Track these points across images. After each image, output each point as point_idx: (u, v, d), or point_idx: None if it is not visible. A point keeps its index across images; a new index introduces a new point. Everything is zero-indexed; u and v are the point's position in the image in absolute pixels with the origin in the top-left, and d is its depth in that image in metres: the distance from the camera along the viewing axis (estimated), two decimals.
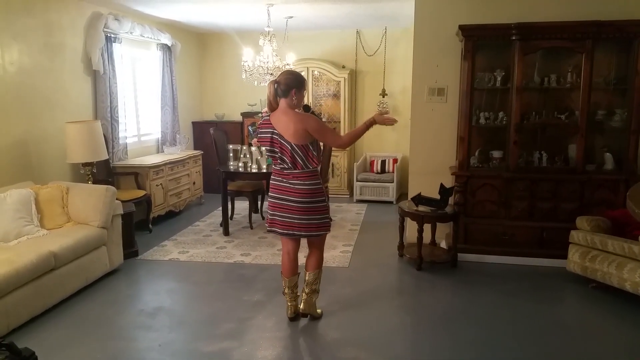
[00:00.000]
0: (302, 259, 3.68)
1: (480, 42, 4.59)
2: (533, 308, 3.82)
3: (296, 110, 3.42)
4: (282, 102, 3.37)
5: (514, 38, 4.45)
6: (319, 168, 3.50)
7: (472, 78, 4.60)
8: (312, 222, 3.41)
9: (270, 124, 3.38)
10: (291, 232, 3.44)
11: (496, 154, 4.80)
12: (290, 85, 3.34)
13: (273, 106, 3.41)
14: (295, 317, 3.59)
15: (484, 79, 4.73)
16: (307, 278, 3.62)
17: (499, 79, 4.68)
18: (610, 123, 4.64)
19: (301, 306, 3.62)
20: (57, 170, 5.03)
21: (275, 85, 3.35)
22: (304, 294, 3.62)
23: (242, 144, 7.15)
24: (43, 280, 3.66)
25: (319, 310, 3.67)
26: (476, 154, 4.85)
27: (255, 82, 6.02)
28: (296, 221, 3.39)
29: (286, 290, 3.60)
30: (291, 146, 3.30)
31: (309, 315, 3.62)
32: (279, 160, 3.38)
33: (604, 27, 4.28)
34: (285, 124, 3.32)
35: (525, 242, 4.70)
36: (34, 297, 3.57)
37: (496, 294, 4.07)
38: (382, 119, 3.51)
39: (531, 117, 4.68)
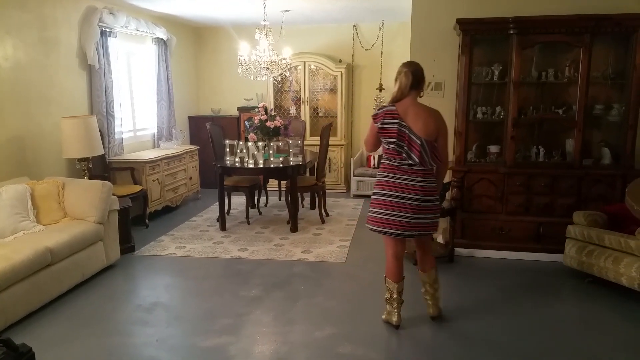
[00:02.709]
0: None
1: (477, 36, 4.58)
2: (529, 302, 3.83)
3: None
4: (412, 94, 3.21)
5: (511, 32, 4.44)
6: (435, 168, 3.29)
7: (469, 72, 4.60)
8: (428, 221, 3.24)
9: (398, 114, 3.16)
10: (408, 232, 3.22)
11: (493, 148, 4.80)
12: (422, 77, 3.22)
13: (401, 96, 3.21)
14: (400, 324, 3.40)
15: (482, 73, 4.72)
16: (429, 277, 3.44)
17: (496, 73, 4.68)
18: (607, 118, 4.64)
19: (431, 310, 3.47)
20: (53, 166, 5.01)
21: (411, 75, 3.18)
22: (428, 297, 3.45)
23: (239, 139, 7.13)
24: (39, 276, 3.65)
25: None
26: (473, 148, 4.85)
27: (252, 77, 5.99)
28: (413, 220, 3.18)
29: (394, 296, 3.36)
30: (421, 141, 3.11)
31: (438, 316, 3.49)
32: (404, 155, 3.15)
33: (602, 21, 4.27)
34: (415, 117, 3.13)
35: (522, 237, 4.70)
36: (31, 293, 3.56)
37: (493, 289, 4.08)
38: None
39: (528, 111, 4.68)
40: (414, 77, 3.19)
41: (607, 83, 4.61)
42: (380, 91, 7.61)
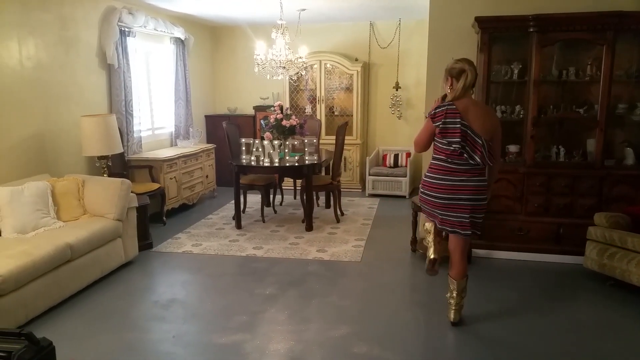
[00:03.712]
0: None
1: (496, 34, 4.52)
2: (548, 305, 3.77)
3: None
4: (469, 92, 3.17)
5: (531, 30, 4.37)
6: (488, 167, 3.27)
7: (488, 71, 4.54)
8: (476, 221, 3.22)
9: (459, 113, 3.08)
10: (450, 228, 3.27)
11: (513, 148, 4.73)
12: (476, 76, 3.18)
13: (463, 95, 3.13)
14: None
15: (501, 71, 4.66)
16: (458, 286, 3.37)
17: (515, 71, 4.61)
18: (631, 117, 4.55)
19: (453, 316, 3.39)
20: (73, 164, 5.07)
21: (475, 72, 3.14)
22: (453, 304, 3.38)
23: (255, 137, 7.16)
24: (60, 272, 3.70)
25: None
26: None
27: (268, 76, 6.00)
28: (460, 219, 3.20)
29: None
30: (482, 141, 3.07)
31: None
32: (465, 156, 3.10)
33: (626, 18, 4.18)
34: (477, 116, 3.09)
35: (541, 238, 4.63)
36: (51, 288, 3.62)
37: (510, 291, 4.03)
38: None
39: (549, 110, 4.61)
40: (476, 74, 3.16)
41: (631, 81, 4.52)
42: (397, 90, 7.57)
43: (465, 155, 3.10)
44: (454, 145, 3.10)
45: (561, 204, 4.56)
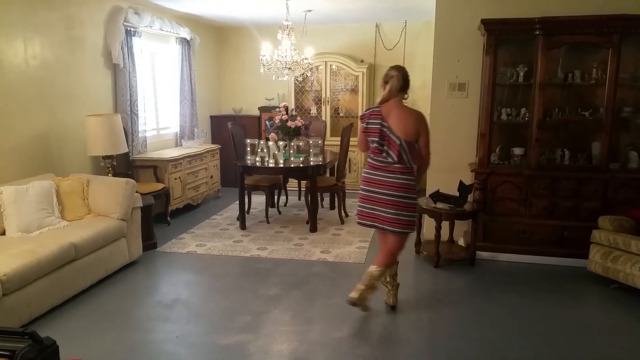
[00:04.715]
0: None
1: (502, 36, 4.51)
2: (552, 308, 3.76)
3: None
4: (399, 96, 3.40)
5: (537, 33, 4.36)
6: (415, 167, 3.46)
7: (494, 73, 4.53)
8: (395, 217, 3.38)
9: (381, 115, 3.36)
10: (377, 224, 3.45)
11: (517, 150, 4.72)
12: (408, 81, 3.43)
13: (389, 98, 3.39)
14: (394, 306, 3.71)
15: (506, 74, 4.65)
16: (371, 274, 3.47)
17: (521, 74, 4.60)
18: (636, 120, 4.53)
19: (354, 295, 3.42)
20: (78, 163, 5.09)
21: (402, 79, 3.37)
22: (361, 285, 3.46)
23: (260, 138, 7.18)
24: (64, 271, 3.72)
25: (370, 305, 3.57)
26: (497, 150, 4.78)
27: (273, 77, 6.00)
28: (383, 214, 3.39)
29: (388, 279, 3.69)
30: (400, 141, 3.30)
31: (360, 308, 3.49)
32: (384, 154, 3.36)
33: (632, 21, 4.17)
34: (398, 119, 3.32)
35: (546, 241, 4.62)
36: (55, 288, 3.63)
37: (514, 293, 4.02)
38: None
39: (554, 113, 4.60)
40: (403, 80, 3.39)
41: (636, 85, 4.50)
42: None
43: (384, 153, 3.35)
44: (373, 144, 3.39)
45: (566, 206, 4.55)
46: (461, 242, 5.05)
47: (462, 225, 5.01)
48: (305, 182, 6.01)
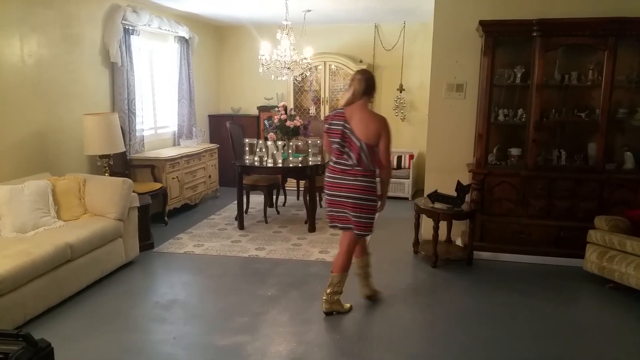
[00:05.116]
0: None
1: (500, 38, 4.52)
2: (549, 308, 3.77)
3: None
4: (362, 100, 3.41)
5: (534, 34, 4.37)
6: (377, 170, 3.48)
7: (491, 74, 4.54)
8: (355, 219, 3.42)
9: (344, 117, 3.39)
10: (350, 225, 3.49)
11: (514, 151, 4.73)
12: (373, 85, 3.45)
13: (353, 101, 3.41)
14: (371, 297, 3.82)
15: (504, 75, 4.66)
16: (331, 279, 3.59)
17: (518, 75, 4.61)
18: (631, 122, 4.56)
19: (323, 306, 3.59)
20: (74, 162, 5.08)
21: (365, 82, 3.39)
22: (324, 294, 3.60)
23: (258, 138, 7.16)
24: (59, 272, 3.70)
25: (347, 305, 3.67)
26: (494, 151, 4.79)
27: (272, 76, 6.00)
28: (346, 215, 3.46)
29: (358, 271, 3.78)
30: (360, 144, 3.32)
31: (334, 313, 3.60)
32: (345, 156, 3.39)
33: (627, 24, 4.19)
34: (360, 121, 3.34)
35: (542, 241, 4.63)
36: (50, 288, 3.62)
37: (511, 293, 4.03)
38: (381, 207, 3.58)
39: (551, 114, 4.61)
40: (366, 84, 3.40)
41: (632, 87, 4.51)
42: (401, 92, 7.56)
43: (344, 155, 3.37)
44: (334, 145, 3.42)
45: (562, 207, 4.56)
46: (459, 242, 5.06)
47: (460, 226, 5.01)
48: (303, 181, 6.00)
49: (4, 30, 4.23)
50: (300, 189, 7.00)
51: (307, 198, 5.70)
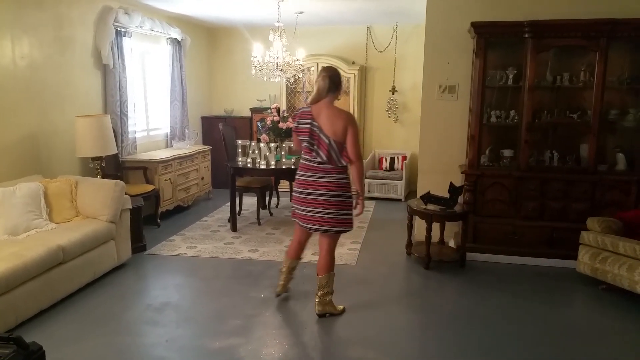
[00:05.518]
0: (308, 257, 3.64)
1: (492, 39, 4.54)
2: (542, 309, 3.79)
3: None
4: (328, 97, 3.42)
5: (526, 36, 4.39)
6: (348, 165, 3.48)
7: (483, 76, 4.56)
8: (332, 217, 3.42)
9: (311, 115, 3.41)
10: (312, 226, 3.50)
11: (507, 152, 4.75)
12: (339, 82, 3.46)
13: (318, 99, 3.43)
14: (280, 295, 3.89)
15: (496, 76, 4.68)
16: (319, 282, 3.60)
17: (510, 77, 4.63)
18: (623, 123, 4.58)
19: (316, 308, 3.60)
20: (66, 164, 5.05)
21: (328, 79, 3.40)
22: (316, 296, 3.61)
23: (251, 139, 7.15)
24: (51, 274, 3.67)
25: (340, 307, 3.67)
26: (486, 152, 4.81)
27: (265, 78, 6.00)
28: (317, 214, 3.43)
29: (284, 269, 3.85)
30: (329, 141, 3.34)
31: (327, 314, 3.60)
32: (314, 154, 3.40)
33: (618, 25, 4.22)
34: (327, 118, 3.36)
35: (535, 242, 4.65)
36: (42, 291, 3.59)
37: (504, 294, 4.04)
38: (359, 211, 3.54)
39: (543, 116, 4.63)
40: (331, 81, 3.41)
41: (623, 88, 4.55)
42: (393, 93, 7.58)
43: (314, 152, 3.39)
44: (304, 143, 3.44)
45: (555, 208, 4.58)
46: (452, 243, 5.07)
47: (453, 227, 5.03)
48: None
49: None
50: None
51: None
